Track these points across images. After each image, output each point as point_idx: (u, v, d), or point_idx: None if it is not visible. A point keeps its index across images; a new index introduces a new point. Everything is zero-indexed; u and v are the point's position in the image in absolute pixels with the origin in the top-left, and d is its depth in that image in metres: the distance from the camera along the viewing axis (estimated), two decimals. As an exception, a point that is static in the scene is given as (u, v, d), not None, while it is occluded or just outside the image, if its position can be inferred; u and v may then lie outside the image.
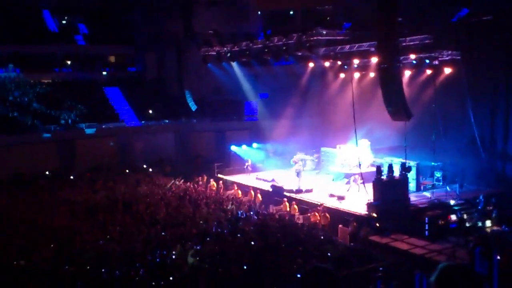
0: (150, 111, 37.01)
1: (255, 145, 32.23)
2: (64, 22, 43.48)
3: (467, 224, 19.73)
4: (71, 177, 30.29)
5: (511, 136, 23.66)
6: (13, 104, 34.08)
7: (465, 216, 20.08)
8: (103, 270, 15.09)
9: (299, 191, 24.66)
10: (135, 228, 19.71)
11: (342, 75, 29.38)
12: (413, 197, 21.58)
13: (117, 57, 43.64)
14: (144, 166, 32.88)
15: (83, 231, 19.50)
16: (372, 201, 20.52)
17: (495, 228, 19.22)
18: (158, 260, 16.01)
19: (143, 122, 36.34)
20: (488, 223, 19.60)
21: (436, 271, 2.92)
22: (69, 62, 40.98)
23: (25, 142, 31.36)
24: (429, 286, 2.89)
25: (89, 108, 35.53)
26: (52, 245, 17.78)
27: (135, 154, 34.39)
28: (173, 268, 15.42)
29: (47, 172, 30.98)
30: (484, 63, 23.60)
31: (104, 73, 41.01)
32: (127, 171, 31.80)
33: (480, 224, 19.69)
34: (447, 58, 23.78)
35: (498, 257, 12.16)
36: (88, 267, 15.47)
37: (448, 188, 22.81)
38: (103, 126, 34.55)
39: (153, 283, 14.23)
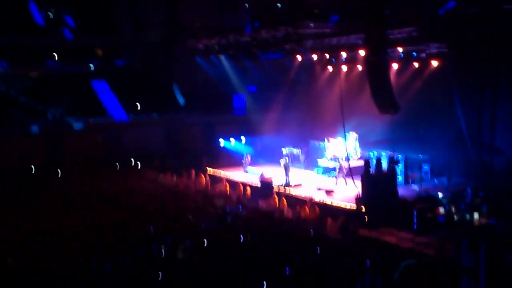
0: (138, 105, 36.79)
1: (243, 138, 32.19)
2: (50, 14, 42.99)
3: (455, 217, 19.87)
4: (59, 171, 30.04)
5: (498, 129, 23.84)
6: (-1, 98, 33.75)
7: (453, 209, 20.22)
8: (92, 264, 15.08)
9: (287, 185, 24.70)
10: (123, 223, 19.63)
11: (330, 68, 29.37)
12: (401, 190, 21.70)
13: (104, 50, 43.26)
14: (133, 160, 32.71)
15: (72, 226, 19.39)
16: (360, 194, 20.60)
17: (483, 220, 19.38)
18: (147, 255, 15.98)
19: (131, 115, 36.13)
20: (476, 216, 19.75)
21: (399, 268, 2.88)
22: (56, 56, 40.57)
23: (12, 136, 31.08)
24: (393, 283, 2.85)
25: (76, 102, 35.23)
26: (40, 241, 17.68)
27: (123, 148, 34.18)
28: (162, 263, 15.41)
29: (34, 167, 30.71)
30: (471, 56, 23.72)
31: (92, 66, 40.66)
32: (116, 165, 31.61)
33: (468, 217, 19.84)
34: (434, 51, 23.84)
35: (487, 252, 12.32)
36: (76, 261, 15.42)
37: (436, 181, 22.97)
38: (91, 120, 34.32)
39: (143, 278, 14.22)
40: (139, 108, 36.67)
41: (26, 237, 18.30)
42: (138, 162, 32.33)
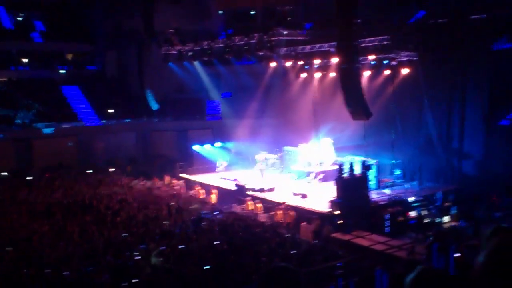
0: (111, 110, 36.47)
1: (217, 144, 32.21)
2: (20, 18, 42.28)
3: (426, 220, 20.27)
4: (29, 178, 29.52)
5: (466, 134, 24.46)
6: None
7: (423, 213, 20.62)
8: (63, 272, 14.83)
9: (261, 189, 24.79)
10: (96, 229, 19.41)
11: (303, 75, 29.66)
12: (373, 195, 22.01)
13: (75, 55, 42.71)
14: (105, 166, 32.36)
15: (42, 233, 19.07)
16: (334, 198, 20.83)
17: (452, 223, 19.82)
18: (120, 261, 15.83)
19: (103, 121, 35.76)
20: (446, 218, 20.19)
21: (414, 272, 2.91)
22: (25, 60, 39.89)
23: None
24: (405, 285, 2.88)
25: (46, 107, 34.74)
26: (10, 248, 17.34)
27: (95, 154, 33.79)
28: (136, 269, 15.28)
29: (3, 173, 30.11)
30: (440, 64, 24.33)
31: (62, 71, 40.08)
32: (87, 171, 31.22)
33: (438, 220, 20.26)
34: (404, 59, 24.39)
35: (456, 254, 12.59)
36: (48, 270, 15.16)
37: (407, 185, 23.39)
38: (62, 126, 33.82)
39: (116, 285, 14.07)
40: (111, 113, 36.34)
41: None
42: (110, 168, 32.01)
